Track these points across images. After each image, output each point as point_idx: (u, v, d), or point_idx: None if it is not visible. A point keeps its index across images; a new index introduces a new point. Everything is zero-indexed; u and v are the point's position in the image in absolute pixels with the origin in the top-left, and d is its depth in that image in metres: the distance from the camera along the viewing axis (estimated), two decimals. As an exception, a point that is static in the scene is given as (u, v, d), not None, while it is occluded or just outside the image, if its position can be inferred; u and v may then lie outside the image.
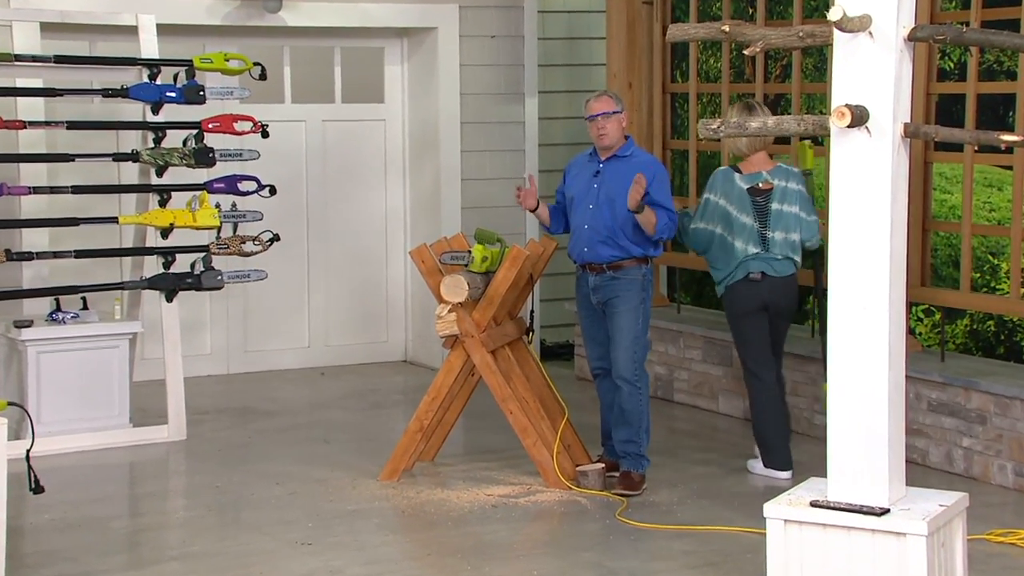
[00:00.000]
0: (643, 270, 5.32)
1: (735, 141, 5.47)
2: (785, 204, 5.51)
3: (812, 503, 3.75)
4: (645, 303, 5.33)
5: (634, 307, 5.31)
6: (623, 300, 5.34)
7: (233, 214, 6.39)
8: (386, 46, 8.12)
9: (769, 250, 5.47)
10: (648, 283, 5.33)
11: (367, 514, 5.23)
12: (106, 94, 6.41)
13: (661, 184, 5.29)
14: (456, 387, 5.67)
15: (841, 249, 3.73)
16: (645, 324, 5.35)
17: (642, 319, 5.32)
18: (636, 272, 5.30)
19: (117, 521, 5.17)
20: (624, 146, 5.35)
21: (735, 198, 5.51)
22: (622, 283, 5.33)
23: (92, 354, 6.17)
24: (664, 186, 5.31)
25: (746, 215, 5.49)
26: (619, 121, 5.34)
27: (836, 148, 3.71)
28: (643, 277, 5.32)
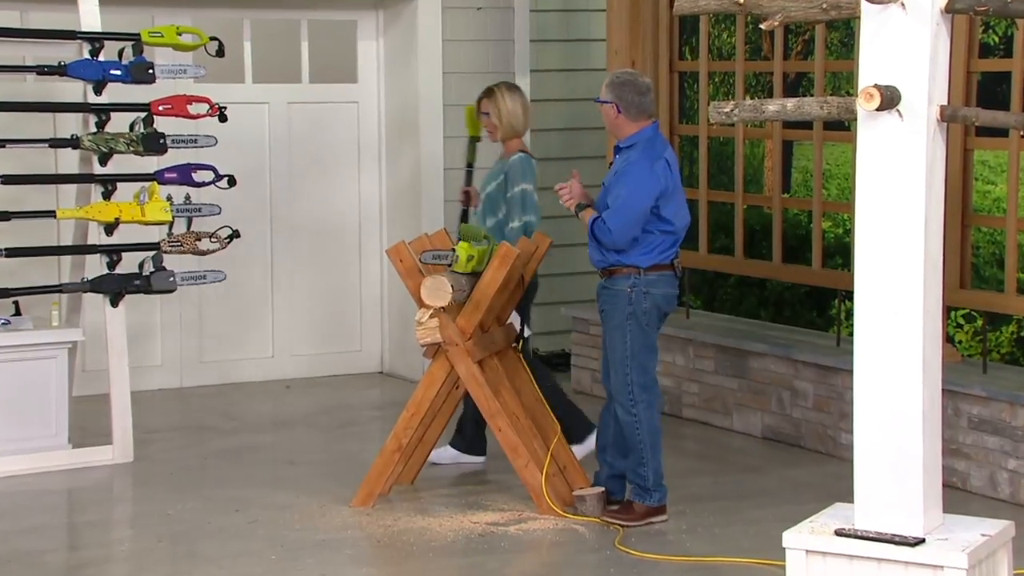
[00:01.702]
0: (632, 280, 5.28)
1: (515, 122, 6.01)
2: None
3: (837, 532, 3.75)
4: (636, 319, 5.29)
5: (619, 324, 5.29)
6: (608, 315, 5.35)
7: (187, 208, 6.37)
8: (359, 19, 8.11)
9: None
10: (640, 295, 5.28)
11: (338, 544, 5.22)
12: (41, 71, 6.39)
13: (616, 182, 5.28)
14: (438, 402, 5.67)
15: (869, 247, 3.73)
16: (638, 342, 5.30)
17: (631, 337, 5.28)
18: (624, 283, 5.28)
19: (53, 555, 5.14)
20: (630, 136, 5.34)
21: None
22: (609, 294, 5.34)
23: (26, 366, 6.14)
24: (618, 184, 5.25)
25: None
26: (606, 111, 5.35)
27: (864, 133, 3.72)
28: (631, 289, 5.27)
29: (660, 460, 5.37)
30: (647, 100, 5.32)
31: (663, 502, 5.39)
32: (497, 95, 6.08)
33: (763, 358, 6.74)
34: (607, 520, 5.34)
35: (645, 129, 5.32)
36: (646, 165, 5.25)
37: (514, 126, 6.06)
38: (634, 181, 5.23)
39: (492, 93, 6.09)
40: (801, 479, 6.06)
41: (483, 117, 6.08)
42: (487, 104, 6.07)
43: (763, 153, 10.11)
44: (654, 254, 5.29)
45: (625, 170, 5.27)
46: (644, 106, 5.31)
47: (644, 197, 5.22)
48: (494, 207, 6.01)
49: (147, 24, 6.95)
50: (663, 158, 5.32)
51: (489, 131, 6.10)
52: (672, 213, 5.31)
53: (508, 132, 6.05)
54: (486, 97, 6.09)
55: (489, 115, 6.06)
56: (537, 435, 5.61)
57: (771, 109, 3.83)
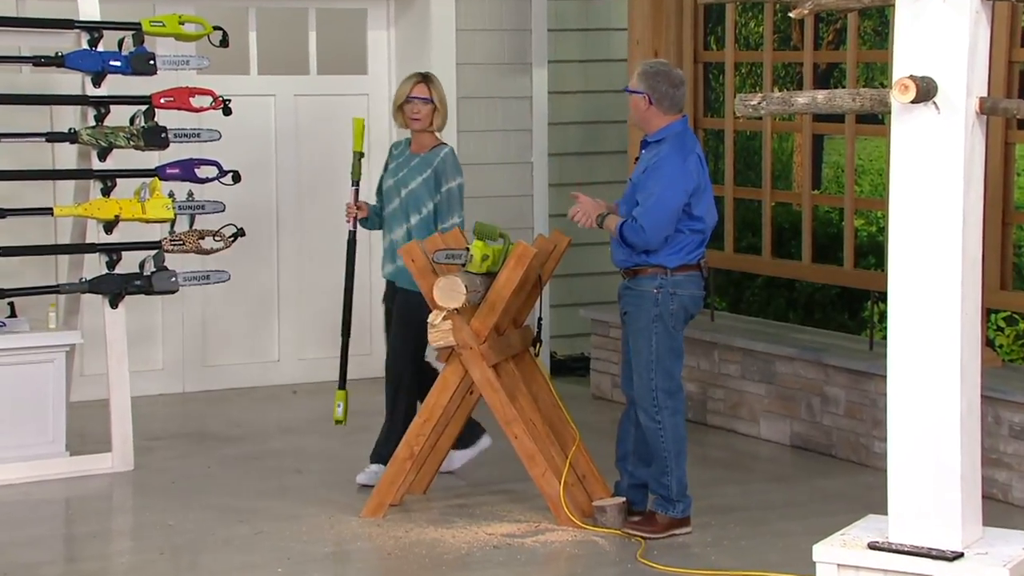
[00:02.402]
0: (658, 281, 5.28)
1: (447, 112, 6.03)
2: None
3: (871, 545, 3.74)
4: (662, 321, 5.29)
5: (644, 326, 5.29)
6: (632, 317, 5.35)
7: (190, 205, 6.39)
8: (369, 7, 8.13)
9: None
10: (667, 296, 5.28)
11: (347, 557, 5.22)
12: (38, 62, 6.41)
13: (646, 179, 5.25)
14: (452, 407, 5.67)
15: (904, 246, 3.72)
16: (664, 346, 5.30)
17: (656, 340, 5.28)
18: (649, 284, 5.28)
19: (50, 567, 5.16)
20: (659, 130, 5.33)
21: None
22: (634, 295, 5.33)
23: (22, 370, 6.16)
24: (649, 182, 5.23)
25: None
26: (636, 102, 5.33)
27: (898, 127, 3.71)
28: (658, 290, 5.27)
29: (684, 469, 5.37)
30: (680, 93, 5.32)
31: (687, 513, 5.39)
32: (436, 81, 6.03)
33: (792, 362, 6.72)
34: (628, 532, 5.34)
35: (675, 123, 5.32)
36: (678, 161, 5.24)
37: (446, 116, 6.04)
38: (667, 178, 5.22)
39: (431, 78, 6.03)
40: (832, 490, 6.05)
41: (416, 103, 5.92)
42: (425, 89, 5.96)
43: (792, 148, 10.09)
44: (682, 254, 5.28)
45: (656, 166, 5.25)
46: (677, 99, 5.31)
47: (678, 194, 5.22)
48: (418, 204, 5.95)
49: (148, 13, 6.97)
50: (695, 153, 5.32)
51: (418, 118, 5.94)
52: (703, 211, 5.30)
53: (442, 122, 6.01)
54: (425, 82, 5.99)
55: (428, 100, 5.94)
56: (555, 442, 5.61)
57: (801, 102, 3.82)
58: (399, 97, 6.01)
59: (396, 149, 6.12)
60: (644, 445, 5.42)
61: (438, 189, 5.96)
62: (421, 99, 5.95)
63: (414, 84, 5.98)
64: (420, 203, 5.95)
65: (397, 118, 6.05)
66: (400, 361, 5.99)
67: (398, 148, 6.11)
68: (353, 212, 6.04)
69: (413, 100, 5.95)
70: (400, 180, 6.00)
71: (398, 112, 6.02)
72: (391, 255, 5.98)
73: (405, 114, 5.99)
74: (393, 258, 5.96)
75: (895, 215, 3.74)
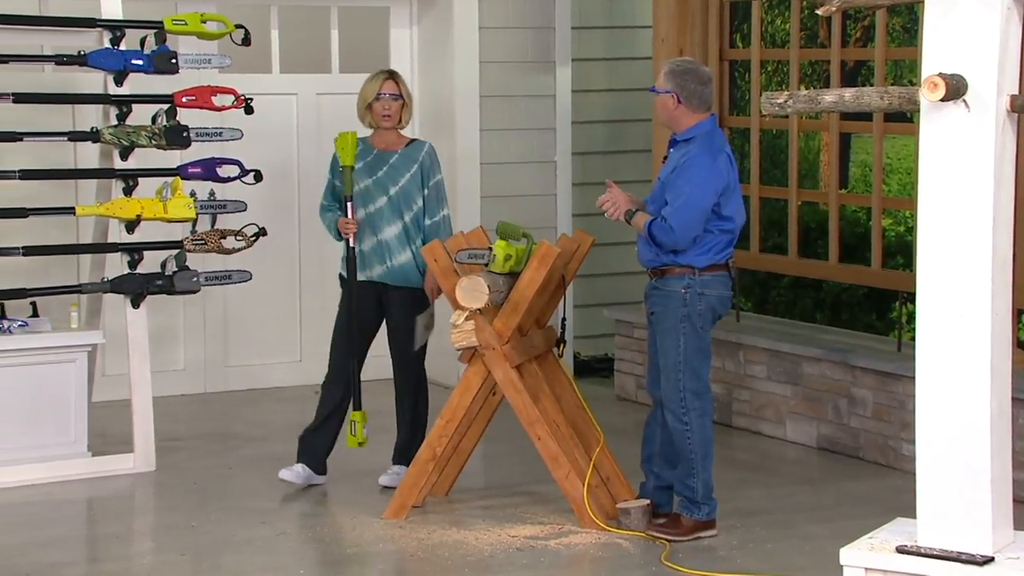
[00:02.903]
0: (686, 281, 5.27)
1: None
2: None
3: (899, 549, 3.72)
4: (690, 321, 5.27)
5: (672, 326, 5.28)
6: (660, 318, 5.33)
7: (211, 204, 6.41)
8: (392, 6, 8.14)
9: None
10: (695, 296, 5.27)
11: (369, 559, 5.23)
12: (60, 61, 6.44)
13: (676, 178, 5.22)
14: (474, 408, 5.67)
15: (933, 246, 3.70)
16: (692, 346, 5.28)
17: (684, 341, 5.27)
18: (677, 284, 5.26)
19: (72, 568, 5.18)
20: (688, 129, 5.31)
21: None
22: (661, 295, 5.32)
23: (44, 369, 6.19)
24: (679, 181, 5.20)
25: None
26: (664, 101, 5.31)
27: (927, 126, 3.69)
28: (686, 290, 5.26)
29: (711, 472, 5.36)
30: (708, 91, 5.31)
31: (712, 516, 5.37)
32: (401, 77, 6.01)
33: (818, 364, 6.70)
34: (653, 534, 5.33)
35: (703, 122, 5.30)
36: (708, 160, 5.23)
37: (411, 112, 6.02)
38: (697, 177, 5.20)
39: (397, 75, 6.00)
40: (859, 492, 6.02)
41: (386, 99, 5.88)
42: (394, 85, 5.93)
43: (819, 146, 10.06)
44: (710, 254, 5.27)
45: (685, 165, 5.24)
46: (705, 97, 5.30)
47: (708, 194, 5.21)
48: (409, 201, 5.94)
49: (170, 12, 6.99)
50: (724, 152, 5.30)
51: (389, 115, 5.91)
52: (733, 211, 5.29)
53: (409, 117, 6.00)
54: (393, 78, 5.97)
55: (398, 96, 5.92)
56: (579, 444, 5.61)
57: (828, 100, 3.81)
58: (368, 95, 5.93)
59: (357, 150, 5.98)
60: (670, 446, 5.40)
61: (425, 184, 5.95)
62: (391, 95, 5.91)
63: (383, 81, 5.94)
64: (411, 200, 5.95)
65: (365, 118, 5.99)
66: (414, 361, 5.99)
67: (356, 148, 5.98)
68: (353, 228, 5.91)
69: (383, 97, 5.90)
70: (383, 179, 5.94)
71: (366, 111, 5.96)
72: (380, 256, 5.92)
73: (375, 112, 5.93)
74: (383, 258, 5.92)
75: (924, 215, 3.72)
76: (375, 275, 5.96)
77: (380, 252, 5.93)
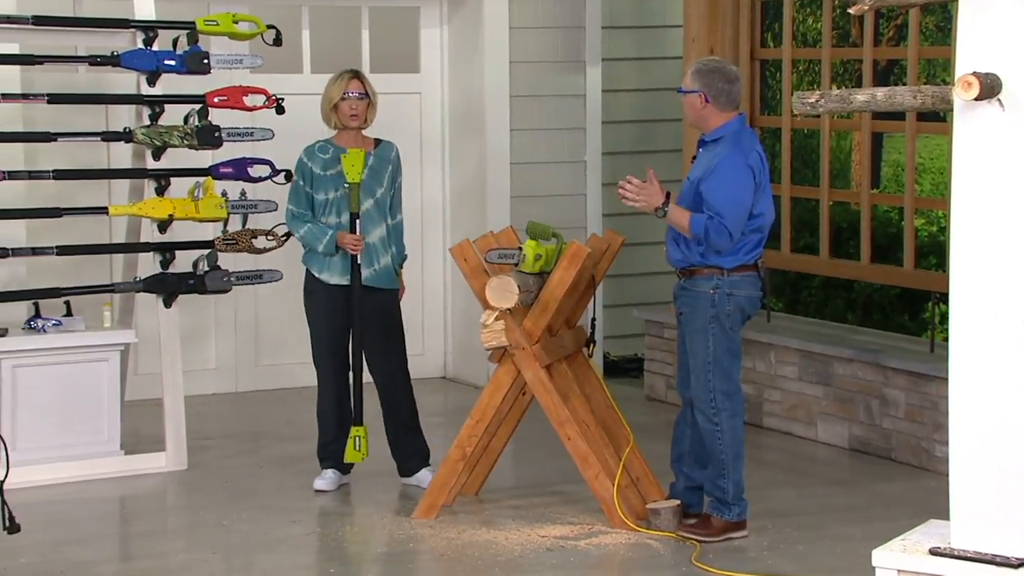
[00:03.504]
0: (715, 281, 5.25)
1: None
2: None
3: (932, 551, 3.70)
4: (719, 322, 5.26)
5: (701, 327, 5.26)
6: (689, 318, 5.32)
7: (243, 204, 6.44)
8: (422, 6, 8.15)
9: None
10: (723, 296, 5.25)
11: (399, 558, 5.24)
12: (94, 62, 6.49)
13: (713, 180, 5.19)
14: (504, 408, 5.68)
15: (966, 246, 3.68)
16: (722, 346, 5.27)
17: (714, 341, 5.26)
18: (706, 284, 5.25)
19: (105, 566, 5.22)
20: (717, 128, 5.30)
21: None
22: (690, 296, 5.31)
23: (77, 368, 6.24)
24: (716, 182, 5.16)
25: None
26: (691, 101, 5.30)
27: (961, 125, 3.67)
28: (715, 291, 5.24)
29: (742, 472, 5.34)
30: (736, 89, 5.29)
31: (743, 517, 5.36)
32: (365, 76, 5.95)
33: (850, 364, 6.67)
34: (683, 535, 5.32)
35: (732, 121, 5.29)
36: (741, 160, 5.21)
37: (376, 110, 5.97)
38: (735, 178, 5.18)
39: (361, 74, 5.94)
40: (892, 494, 6.00)
41: (352, 98, 5.84)
42: (359, 84, 5.88)
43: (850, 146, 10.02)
44: (740, 254, 5.26)
45: (720, 166, 5.20)
46: (733, 95, 5.28)
47: (748, 194, 5.20)
48: (387, 202, 5.93)
49: (202, 12, 7.03)
50: (755, 151, 5.29)
51: (356, 115, 5.86)
52: (763, 208, 5.28)
53: (374, 116, 5.95)
54: (358, 78, 5.91)
55: (364, 96, 5.87)
56: (608, 444, 5.60)
57: (860, 99, 3.79)
58: (333, 96, 5.88)
59: (325, 154, 5.92)
60: (700, 446, 5.40)
61: (393, 184, 5.97)
62: (358, 94, 5.87)
63: (348, 80, 5.89)
64: (387, 200, 5.96)
65: (330, 118, 5.93)
66: (403, 359, 5.98)
67: (327, 153, 5.92)
68: (361, 246, 5.84)
69: (350, 96, 5.85)
70: (368, 182, 5.88)
71: (332, 112, 5.90)
72: (368, 259, 5.87)
73: (341, 112, 5.87)
74: (370, 261, 5.89)
75: (957, 215, 3.70)
76: (364, 278, 5.89)
77: (368, 255, 5.90)
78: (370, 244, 5.90)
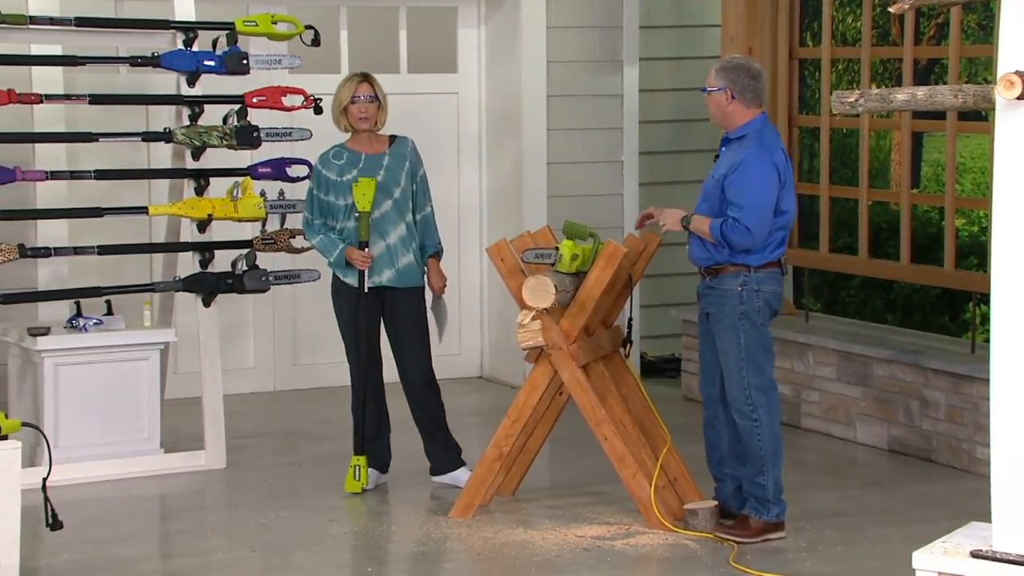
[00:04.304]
0: (741, 279, 5.24)
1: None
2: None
3: (973, 553, 3.67)
4: (748, 318, 5.25)
5: (731, 324, 5.26)
6: (717, 318, 5.32)
7: (281, 204, 6.47)
8: (460, 6, 8.16)
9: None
10: (751, 293, 5.24)
11: (436, 557, 5.25)
12: (134, 63, 6.54)
13: (738, 178, 5.20)
14: (541, 408, 5.68)
15: (1008, 246, 3.65)
16: (754, 342, 5.25)
17: (745, 337, 5.25)
18: (732, 282, 5.25)
19: (146, 563, 5.26)
20: (740, 126, 5.29)
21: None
22: (717, 294, 5.31)
23: (118, 367, 6.28)
24: (741, 180, 5.17)
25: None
26: (716, 99, 5.29)
27: (1003, 125, 3.64)
28: (742, 288, 5.23)
29: (781, 470, 5.32)
30: (761, 85, 5.30)
31: (782, 518, 5.34)
32: (375, 79, 5.92)
33: (889, 365, 6.63)
34: (720, 536, 5.31)
35: (755, 119, 5.29)
36: (766, 157, 5.22)
37: (387, 112, 5.95)
38: (759, 176, 5.19)
39: (371, 77, 5.91)
40: (932, 495, 5.96)
41: (362, 102, 5.81)
42: (369, 87, 5.85)
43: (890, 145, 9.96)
44: (766, 252, 5.26)
45: (745, 164, 5.22)
46: (759, 91, 5.29)
47: (773, 191, 5.22)
48: (407, 201, 5.92)
49: (241, 13, 7.07)
50: (779, 148, 5.29)
51: (366, 118, 5.84)
52: (788, 206, 5.29)
53: (385, 118, 5.93)
54: (368, 81, 5.88)
55: (374, 98, 5.85)
56: (646, 444, 5.59)
57: (900, 99, 3.77)
58: (343, 99, 5.86)
59: (340, 159, 5.91)
60: (739, 444, 5.38)
61: (413, 180, 5.96)
62: (367, 97, 5.85)
63: (357, 84, 5.86)
64: (408, 198, 5.95)
65: (340, 121, 5.92)
66: (429, 360, 5.98)
67: (341, 158, 5.91)
68: (368, 263, 5.83)
69: (359, 100, 5.83)
70: (384, 182, 5.87)
71: (342, 115, 5.89)
72: (388, 260, 5.88)
73: (351, 116, 5.86)
74: (391, 262, 5.88)
75: (999, 214, 3.67)
76: (384, 280, 5.90)
77: (389, 256, 5.90)
78: (390, 245, 5.90)
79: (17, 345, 6.30)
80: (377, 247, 5.89)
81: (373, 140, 5.96)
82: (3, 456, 4.35)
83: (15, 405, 6.34)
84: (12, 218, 6.37)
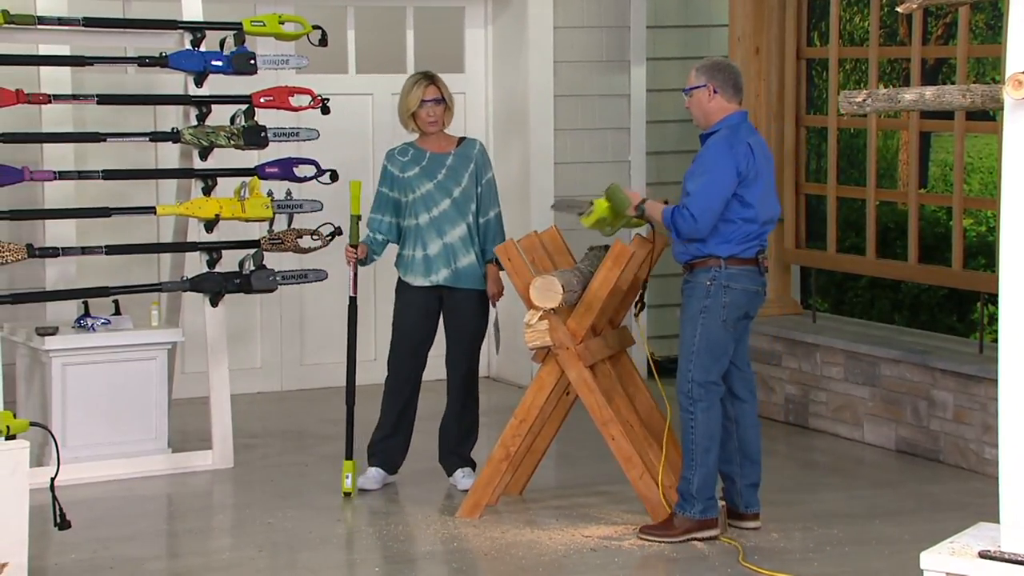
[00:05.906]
0: (712, 273, 5.23)
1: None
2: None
3: (981, 554, 3.67)
4: (710, 313, 5.23)
5: (691, 317, 5.27)
6: (684, 308, 5.34)
7: (288, 204, 6.47)
8: (467, 6, 8.17)
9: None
10: (719, 288, 5.23)
11: (443, 557, 5.26)
12: (142, 63, 6.55)
13: (693, 166, 5.26)
14: (548, 408, 5.68)
15: (1015, 246, 3.65)
16: (709, 340, 5.23)
17: (701, 332, 5.23)
18: (704, 276, 5.25)
19: (153, 563, 5.27)
20: (716, 123, 5.30)
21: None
22: (689, 287, 5.33)
23: (126, 367, 6.29)
24: (693, 168, 5.24)
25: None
26: (699, 97, 5.31)
27: (1011, 124, 3.63)
28: (711, 283, 5.23)
29: (712, 469, 5.27)
30: (741, 81, 5.36)
31: (708, 515, 5.28)
32: (440, 78, 5.93)
33: (897, 365, 6.62)
34: (641, 537, 5.30)
35: (733, 115, 5.31)
36: (724, 148, 5.23)
37: (453, 111, 5.98)
38: (712, 165, 5.21)
39: (436, 77, 5.91)
40: (939, 496, 5.95)
41: (430, 105, 5.84)
42: (435, 90, 5.87)
43: (898, 145, 9.95)
44: (732, 244, 5.23)
45: (702, 155, 5.28)
46: (739, 83, 5.34)
47: (724, 180, 5.19)
48: (468, 201, 5.94)
49: (249, 13, 7.08)
50: (745, 143, 5.27)
51: (435, 120, 5.87)
52: (756, 199, 5.23)
53: (451, 117, 5.95)
54: (434, 83, 5.88)
55: (441, 100, 5.87)
56: (653, 444, 5.59)
57: (908, 98, 3.76)
58: (412, 103, 5.87)
59: (405, 156, 5.95)
60: (743, 441, 5.38)
61: (478, 182, 5.96)
62: (434, 100, 5.87)
63: (425, 87, 5.87)
64: (471, 200, 5.95)
65: (408, 124, 5.94)
66: (474, 360, 6.01)
67: (407, 155, 5.96)
68: (351, 256, 5.96)
69: (427, 104, 5.86)
70: (444, 182, 5.92)
71: (410, 119, 5.90)
72: (445, 260, 5.91)
73: (420, 120, 5.88)
74: (448, 262, 5.91)
75: (1007, 214, 3.66)
76: (440, 279, 5.94)
77: (446, 255, 5.92)
78: (447, 244, 5.92)
79: (25, 345, 6.31)
80: (435, 246, 5.92)
81: (441, 139, 5.98)
82: (11, 456, 4.36)
83: (23, 405, 6.35)
84: (20, 218, 6.39)
